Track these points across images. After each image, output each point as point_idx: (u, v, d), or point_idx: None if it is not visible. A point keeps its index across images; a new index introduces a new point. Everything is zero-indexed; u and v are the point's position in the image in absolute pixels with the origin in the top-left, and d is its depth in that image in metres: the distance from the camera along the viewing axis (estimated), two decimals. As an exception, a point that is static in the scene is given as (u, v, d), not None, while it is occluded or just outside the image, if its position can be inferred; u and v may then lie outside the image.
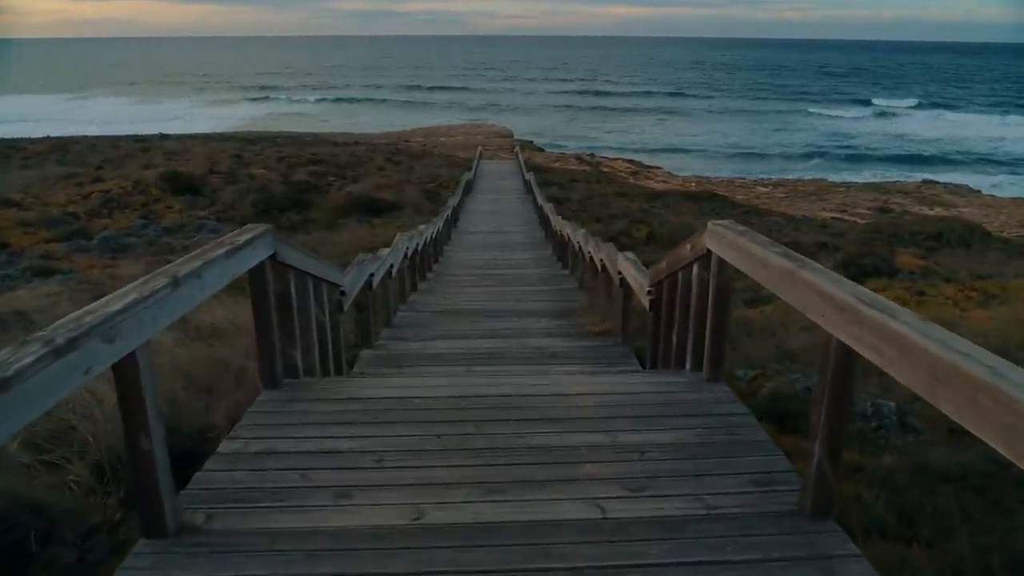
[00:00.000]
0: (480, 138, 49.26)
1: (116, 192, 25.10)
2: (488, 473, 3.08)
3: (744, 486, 2.97)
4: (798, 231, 22.05)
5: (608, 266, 7.16)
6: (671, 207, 27.83)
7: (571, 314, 8.31)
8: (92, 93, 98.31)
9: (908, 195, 39.48)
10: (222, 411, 3.76)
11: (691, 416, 3.65)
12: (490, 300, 9.36)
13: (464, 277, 11.49)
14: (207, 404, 3.89)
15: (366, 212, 22.67)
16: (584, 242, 9.38)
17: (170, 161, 32.58)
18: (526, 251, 14.81)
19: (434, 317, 8.24)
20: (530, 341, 6.86)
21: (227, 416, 3.72)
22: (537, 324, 7.83)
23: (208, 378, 4.39)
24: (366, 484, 2.99)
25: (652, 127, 71.56)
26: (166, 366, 4.41)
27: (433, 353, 6.49)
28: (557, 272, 12.10)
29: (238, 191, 24.54)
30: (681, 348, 4.62)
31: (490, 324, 7.81)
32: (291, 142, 43.43)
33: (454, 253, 14.66)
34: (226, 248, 3.17)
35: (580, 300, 9.24)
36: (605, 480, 3.02)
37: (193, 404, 3.90)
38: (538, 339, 7.01)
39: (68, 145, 40.76)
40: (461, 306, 8.95)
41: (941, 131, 67.91)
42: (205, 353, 4.97)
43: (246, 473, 3.07)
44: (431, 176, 30.60)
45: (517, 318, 8.12)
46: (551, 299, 9.40)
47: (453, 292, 10.13)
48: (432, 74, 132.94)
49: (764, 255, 3.11)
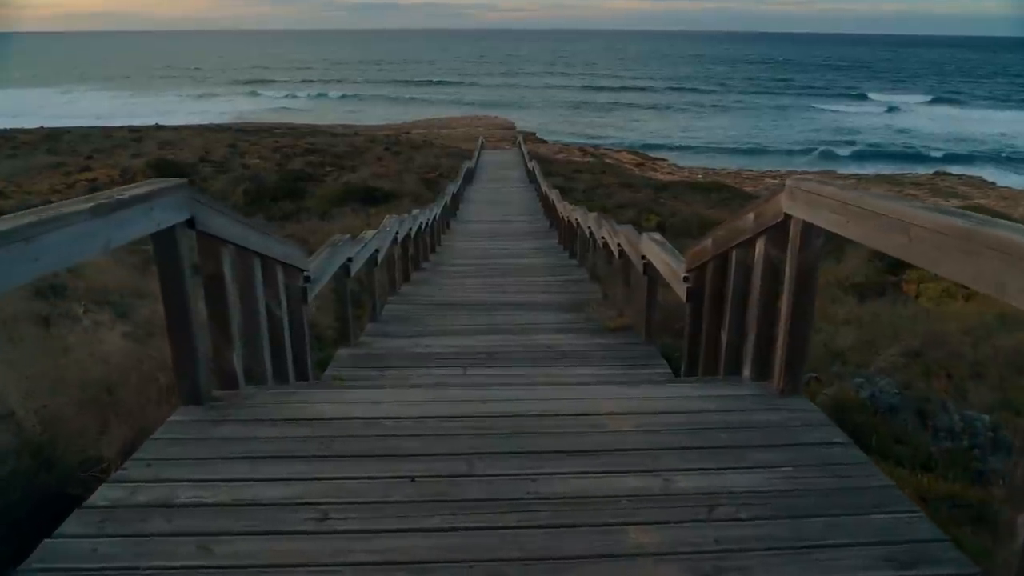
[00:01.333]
0: (482, 130, 48.04)
1: (102, 181, 24.11)
2: (485, 545, 2.03)
3: (877, 568, 1.92)
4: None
5: (628, 250, 6.10)
6: (679, 197, 26.82)
7: (583, 307, 7.28)
8: (91, 87, 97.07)
9: (922, 187, 38.44)
10: (120, 437, 2.71)
11: (772, 447, 2.58)
12: (491, 291, 8.32)
13: (463, 267, 10.44)
14: (102, 426, 2.83)
15: (362, 201, 21.67)
16: (596, 226, 8.33)
17: (163, 150, 31.72)
18: (530, 240, 13.75)
19: (428, 310, 7.20)
20: (537, 338, 5.81)
21: (125, 445, 2.67)
22: (544, 318, 6.79)
23: (123, 388, 3.33)
24: (295, 563, 1.95)
25: (655, 121, 70.35)
26: (67, 370, 3.37)
27: (423, 352, 5.45)
28: (565, 262, 11.05)
29: (229, 180, 23.55)
30: (734, 349, 3.56)
31: (491, 318, 6.77)
32: (289, 133, 42.50)
33: (453, 242, 13.61)
34: (94, 203, 2.11)
35: (592, 291, 8.21)
36: (662, 557, 1.97)
37: (86, 425, 2.85)
38: (546, 335, 5.96)
39: (60, 135, 39.77)
40: (459, 298, 7.90)
41: (946, 126, 66.64)
42: (132, 353, 3.92)
43: (119, 543, 2.02)
44: (431, 166, 29.56)
45: (522, 312, 7.08)
46: (559, 291, 8.37)
47: (451, 283, 9.08)
48: (432, 68, 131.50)
49: (903, 210, 2.06)
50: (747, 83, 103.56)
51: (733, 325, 3.56)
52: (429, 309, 7.25)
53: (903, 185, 38.65)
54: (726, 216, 19.63)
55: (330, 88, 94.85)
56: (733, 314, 3.55)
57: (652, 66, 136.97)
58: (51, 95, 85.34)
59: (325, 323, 6.28)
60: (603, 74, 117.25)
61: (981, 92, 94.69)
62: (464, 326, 6.41)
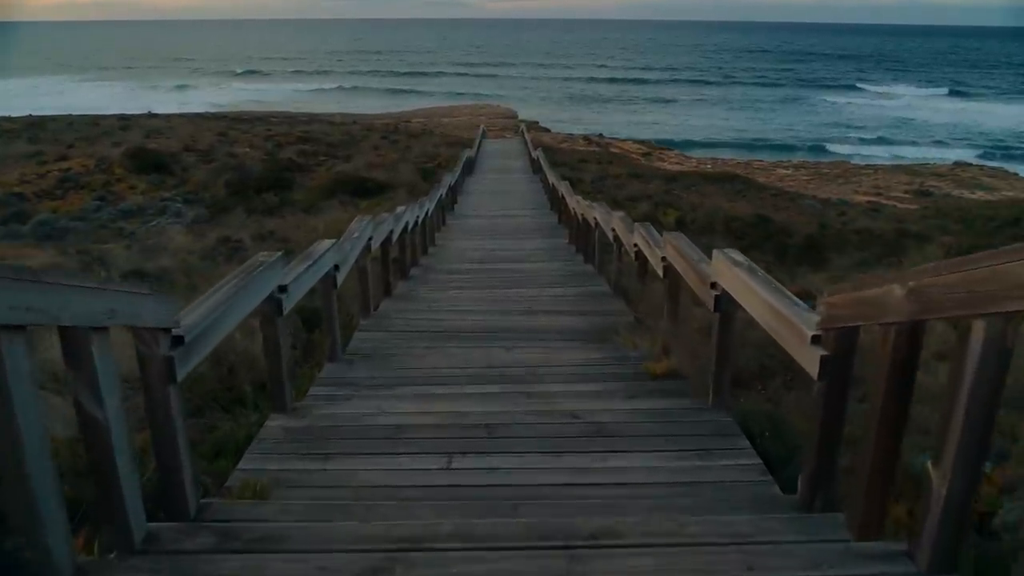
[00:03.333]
0: (483, 119, 46.19)
1: (77, 171, 22.53)
2: None
3: None
4: (845, 216, 19.32)
5: (683, 271, 4.44)
6: (693, 188, 25.20)
7: (609, 335, 5.66)
8: (89, 77, 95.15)
9: (943, 177, 36.81)
10: None
11: None
12: (491, 311, 6.68)
13: (459, 275, 8.79)
14: None
15: (353, 193, 20.11)
16: (624, 231, 6.68)
17: (148, 139, 30.13)
18: (536, 238, 12.12)
19: (407, 341, 5.54)
20: (556, 401, 4.10)
21: None
22: (562, 356, 5.13)
23: None
24: None
25: (659, 112, 68.59)
26: None
27: (389, 425, 3.76)
28: (578, 267, 9.40)
29: (211, 171, 21.92)
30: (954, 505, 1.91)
31: (490, 355, 5.12)
32: (285, 121, 40.95)
33: (450, 240, 11.98)
34: None
35: (619, 310, 6.56)
36: None
37: None
38: (567, 394, 4.25)
39: (45, 123, 38.20)
40: (449, 323, 6.24)
41: (954, 117, 64.80)
42: None
43: None
44: (429, 155, 27.95)
45: (531, 344, 5.41)
46: (577, 309, 6.74)
47: (442, 297, 7.44)
48: (432, 58, 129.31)
49: None
50: (749, 73, 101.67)
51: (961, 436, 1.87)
52: (409, 340, 5.58)
53: (923, 176, 37.02)
54: (750, 211, 17.83)
55: (328, 79, 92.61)
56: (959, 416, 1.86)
57: (655, 57, 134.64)
58: (48, 84, 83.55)
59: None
60: (606, 65, 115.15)
61: (990, 83, 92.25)
62: (453, 372, 4.73)
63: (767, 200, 23.95)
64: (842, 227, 14.15)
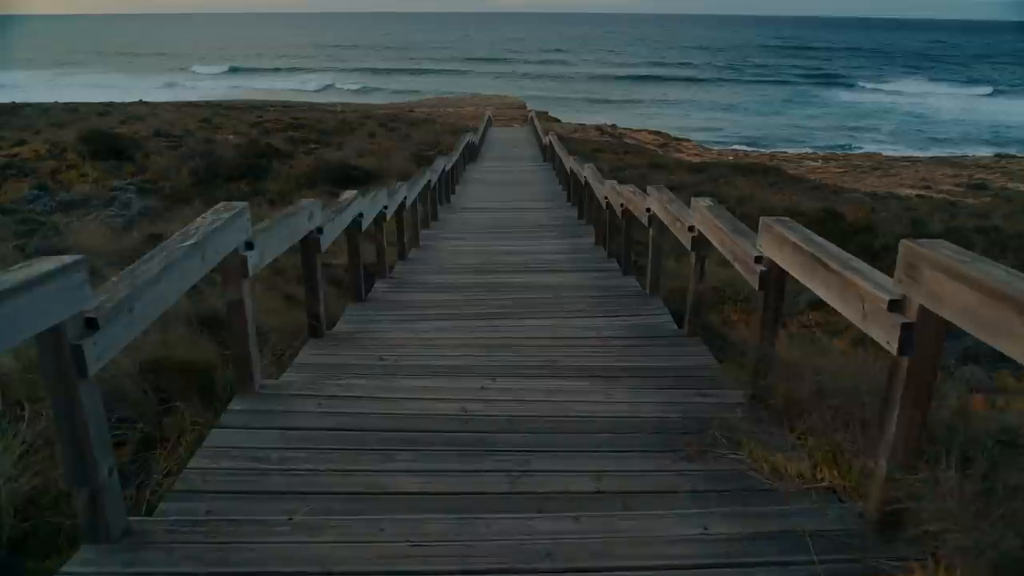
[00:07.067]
0: (491, 109, 43.28)
1: (26, 156, 19.89)
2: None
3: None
4: (913, 211, 16.43)
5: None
6: (724, 180, 22.42)
7: (710, 431, 2.84)
8: (89, 68, 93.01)
9: (990, 170, 34.03)
10: None
11: None
12: (491, 373, 3.89)
13: (446, 296, 5.98)
14: None
15: (336, 182, 17.37)
16: (730, 232, 3.89)
17: (123, 125, 27.56)
18: (553, 237, 9.37)
19: (359, 415, 2.72)
20: None
21: None
22: (621, 467, 2.33)
23: None
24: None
25: (668, 106, 65.87)
26: None
27: None
28: (617, 281, 6.63)
29: (176, 157, 19.21)
30: None
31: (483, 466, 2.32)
32: (282, 110, 38.45)
33: (442, 239, 9.26)
34: None
35: (711, 365, 3.80)
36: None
37: None
38: None
39: (18, 110, 35.67)
40: (407, 419, 3.35)
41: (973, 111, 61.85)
42: None
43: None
44: (429, 143, 25.24)
45: (564, 468, 2.59)
46: (632, 368, 3.99)
47: (408, 351, 4.53)
48: (440, 51, 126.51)
49: None
50: (755, 67, 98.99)
51: None
52: (326, 458, 2.76)
53: (968, 168, 34.16)
54: (810, 205, 14.28)
55: (337, 75, 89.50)
56: None
57: (665, 51, 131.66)
58: (46, 77, 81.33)
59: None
60: (610, 60, 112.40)
61: (1004, 78, 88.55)
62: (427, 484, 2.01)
63: (807, 193, 21.29)
64: (949, 223, 11.34)
